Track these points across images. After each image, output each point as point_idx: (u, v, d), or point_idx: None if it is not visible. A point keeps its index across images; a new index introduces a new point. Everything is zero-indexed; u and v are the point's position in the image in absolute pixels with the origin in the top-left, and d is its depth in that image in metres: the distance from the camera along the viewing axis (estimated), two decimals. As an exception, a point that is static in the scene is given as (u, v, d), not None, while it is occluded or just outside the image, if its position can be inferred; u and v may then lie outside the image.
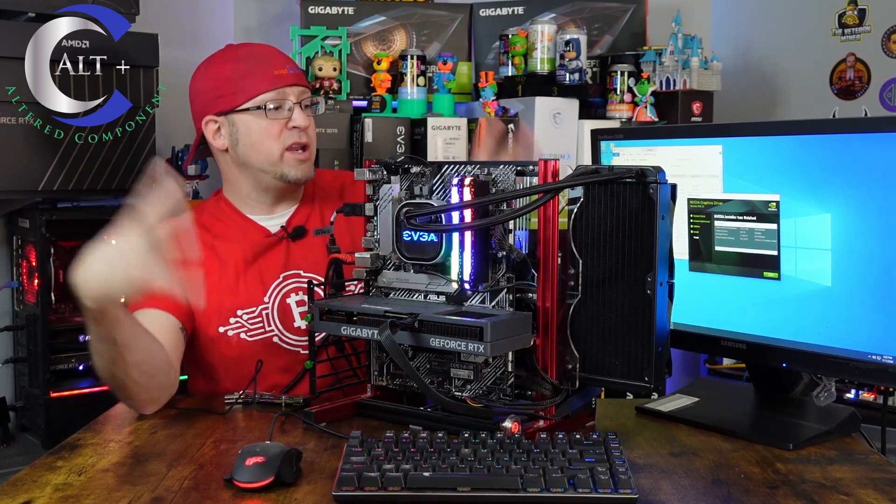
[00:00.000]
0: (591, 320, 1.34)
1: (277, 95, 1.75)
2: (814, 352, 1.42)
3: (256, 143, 1.76)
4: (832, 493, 1.18)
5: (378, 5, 3.08)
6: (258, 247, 1.79)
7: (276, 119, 1.75)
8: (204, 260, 1.72)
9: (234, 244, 1.79)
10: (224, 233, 1.80)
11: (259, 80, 1.75)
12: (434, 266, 1.41)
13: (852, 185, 1.37)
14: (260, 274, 1.77)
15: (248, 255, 1.77)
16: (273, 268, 1.77)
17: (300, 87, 1.78)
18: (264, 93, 1.75)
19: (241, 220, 1.83)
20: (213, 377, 1.76)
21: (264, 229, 1.81)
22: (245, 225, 1.82)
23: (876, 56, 2.97)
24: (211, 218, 1.83)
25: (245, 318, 1.74)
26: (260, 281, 1.76)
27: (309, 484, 1.20)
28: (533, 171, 1.35)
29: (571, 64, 2.84)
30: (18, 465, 2.45)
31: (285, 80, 1.76)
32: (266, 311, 1.75)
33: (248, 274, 1.76)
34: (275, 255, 1.79)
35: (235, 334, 1.73)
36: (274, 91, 1.75)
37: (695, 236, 1.55)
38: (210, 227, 1.81)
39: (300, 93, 1.78)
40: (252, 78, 1.76)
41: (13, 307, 2.89)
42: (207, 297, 1.70)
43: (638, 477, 1.21)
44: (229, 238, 1.79)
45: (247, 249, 1.78)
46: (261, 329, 1.74)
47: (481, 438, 1.24)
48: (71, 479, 1.23)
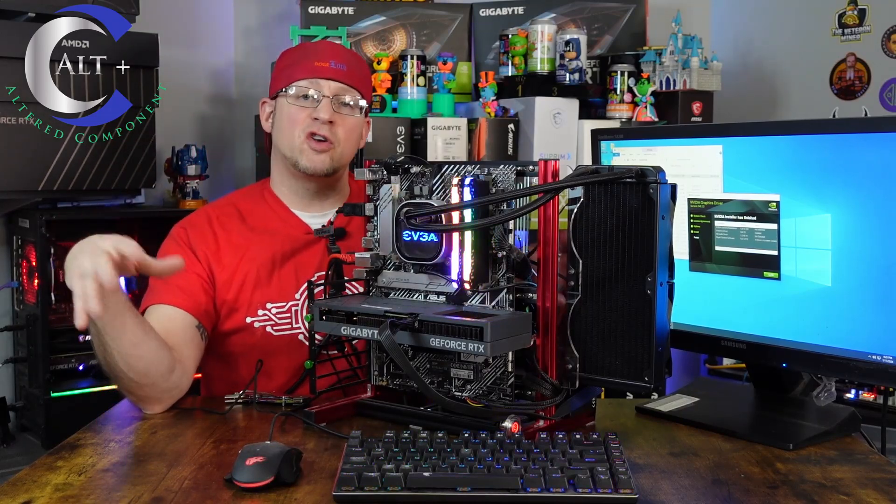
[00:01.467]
0: (591, 320, 1.34)
1: (310, 84, 1.76)
2: (814, 352, 1.42)
3: (284, 126, 1.78)
4: (832, 493, 1.18)
5: (378, 5, 3.08)
6: (297, 242, 1.78)
7: (303, 107, 1.76)
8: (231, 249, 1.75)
9: (272, 236, 1.78)
10: (262, 224, 1.80)
11: (300, 69, 1.78)
12: (434, 266, 1.41)
13: (852, 185, 1.37)
14: (295, 270, 1.76)
15: (287, 250, 1.77)
16: (309, 266, 1.76)
17: (339, 83, 1.77)
18: (300, 80, 1.77)
19: (284, 212, 1.83)
20: (232, 366, 1.76)
21: (306, 225, 1.81)
22: (288, 218, 1.82)
23: (876, 56, 2.97)
24: (250, 206, 1.83)
25: (273, 312, 1.74)
26: (294, 277, 1.75)
27: (309, 484, 1.20)
28: (533, 171, 1.35)
29: (571, 64, 2.84)
30: (18, 465, 2.45)
31: (322, 73, 1.76)
32: (296, 308, 1.74)
33: (283, 268, 1.76)
34: (313, 253, 1.78)
35: (262, 327, 1.73)
36: (307, 80, 1.76)
37: (695, 236, 1.55)
38: (246, 217, 1.81)
39: (338, 88, 1.77)
40: (296, 66, 1.79)
41: (13, 307, 2.89)
42: (239, 286, 1.72)
43: (638, 477, 1.21)
44: (268, 229, 1.79)
45: (286, 243, 1.77)
46: (288, 325, 1.74)
47: (481, 438, 1.24)
48: (71, 479, 1.23)
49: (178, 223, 1.81)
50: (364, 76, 1.85)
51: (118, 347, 1.47)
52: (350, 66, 1.80)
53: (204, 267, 1.72)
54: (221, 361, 1.77)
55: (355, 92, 1.79)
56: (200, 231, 1.77)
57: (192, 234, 1.76)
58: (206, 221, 1.79)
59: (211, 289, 1.71)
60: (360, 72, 1.83)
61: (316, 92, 1.75)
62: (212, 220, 1.79)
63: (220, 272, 1.73)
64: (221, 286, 1.72)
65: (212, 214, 1.81)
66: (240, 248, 1.76)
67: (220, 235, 1.76)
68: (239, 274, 1.73)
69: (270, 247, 1.77)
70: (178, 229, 1.79)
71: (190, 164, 3.04)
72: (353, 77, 1.79)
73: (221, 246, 1.75)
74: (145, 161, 2.76)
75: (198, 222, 1.79)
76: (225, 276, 1.73)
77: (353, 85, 1.79)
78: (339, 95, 1.77)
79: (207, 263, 1.73)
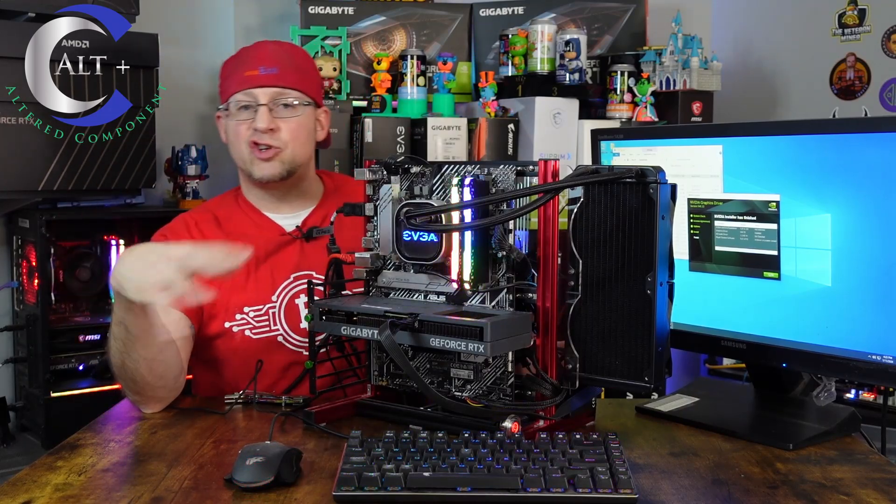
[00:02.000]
0: (591, 320, 1.34)
1: (245, 97, 1.76)
2: (814, 352, 1.42)
3: (232, 141, 1.80)
4: (832, 493, 1.18)
5: (378, 5, 3.08)
6: (271, 245, 1.79)
7: (243, 120, 1.76)
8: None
9: (247, 241, 1.77)
10: (238, 229, 1.81)
11: (233, 81, 1.78)
12: (434, 266, 1.41)
13: (852, 185, 1.37)
14: (271, 272, 1.77)
15: (261, 253, 1.77)
16: (285, 267, 1.77)
17: (273, 87, 1.76)
18: (234, 93, 1.77)
19: (257, 216, 1.83)
20: (216, 371, 1.76)
21: (279, 227, 1.81)
22: (261, 222, 1.83)
23: (876, 56, 2.96)
24: (225, 213, 1.84)
25: (251, 316, 1.74)
26: (270, 279, 1.76)
27: (309, 484, 1.20)
28: (533, 171, 1.35)
29: (571, 64, 2.84)
30: (18, 465, 2.45)
31: (252, 82, 1.75)
32: (273, 311, 1.75)
33: (259, 272, 1.76)
34: (287, 255, 1.78)
35: (240, 331, 1.73)
36: (242, 92, 1.76)
37: (695, 236, 1.55)
38: (223, 223, 1.82)
39: (273, 93, 1.76)
40: (230, 79, 1.79)
41: (13, 307, 2.89)
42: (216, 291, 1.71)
43: (638, 477, 1.21)
44: (243, 234, 1.79)
45: (259, 247, 1.77)
46: (266, 327, 1.74)
47: (481, 438, 1.24)
48: (71, 479, 1.23)
49: (159, 230, 1.82)
50: (301, 70, 1.82)
51: (146, 354, 1.49)
52: (282, 67, 1.78)
53: None
54: (207, 366, 1.78)
55: (293, 91, 1.78)
56: (179, 237, 1.78)
57: (172, 241, 1.75)
58: (184, 227, 1.80)
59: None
60: (294, 68, 1.80)
61: (252, 102, 1.76)
62: (190, 226, 1.80)
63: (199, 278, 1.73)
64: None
65: (189, 221, 1.82)
66: None
67: (199, 241, 1.76)
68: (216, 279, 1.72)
69: None
70: (158, 236, 1.80)
71: (190, 164, 3.04)
72: (286, 77, 1.78)
73: None
74: (145, 161, 2.75)
75: (177, 228, 1.81)
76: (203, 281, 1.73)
77: (287, 85, 1.78)
78: (277, 99, 1.76)
79: None
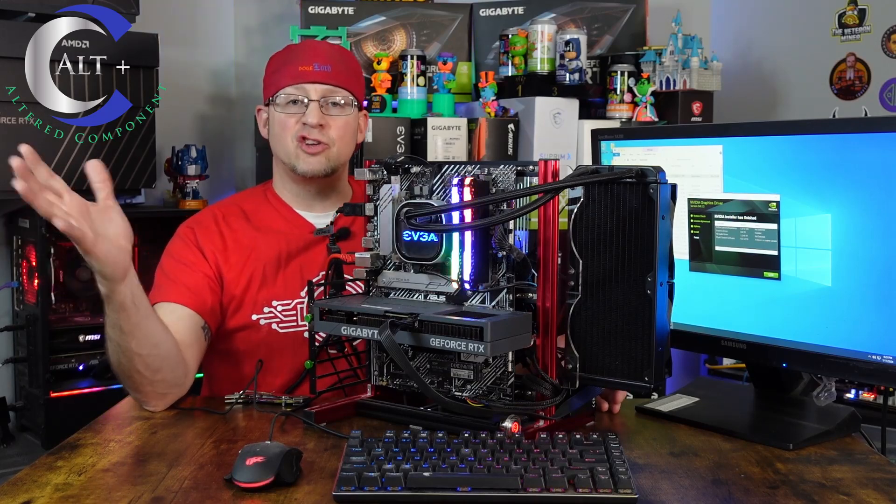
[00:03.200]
0: (591, 320, 1.34)
1: (296, 91, 1.77)
2: (814, 352, 1.42)
3: (278, 134, 1.80)
4: (832, 493, 1.18)
5: (378, 5, 3.08)
6: (302, 241, 1.80)
7: (292, 114, 1.77)
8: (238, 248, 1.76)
9: (277, 235, 1.80)
10: (267, 224, 1.81)
11: (284, 75, 1.79)
12: (434, 266, 1.41)
13: (852, 185, 1.37)
14: (301, 268, 1.77)
15: (292, 249, 1.78)
16: (314, 264, 1.77)
17: (325, 84, 1.78)
18: (285, 87, 1.78)
19: (288, 212, 1.84)
20: (236, 365, 1.76)
21: (311, 225, 1.81)
22: (291, 218, 1.83)
23: (876, 56, 2.97)
24: (253, 206, 1.85)
25: (279, 310, 1.75)
26: (300, 275, 1.76)
27: (309, 484, 1.20)
28: (533, 171, 1.35)
29: (571, 64, 2.84)
30: (18, 465, 2.45)
31: (307, 77, 1.77)
32: (301, 306, 1.75)
33: (289, 267, 1.77)
34: (318, 252, 1.78)
35: (267, 324, 1.74)
36: (293, 86, 1.77)
37: (695, 236, 1.55)
38: (251, 217, 1.82)
39: (324, 90, 1.77)
40: (281, 72, 1.80)
41: (13, 307, 2.89)
42: (245, 284, 1.74)
43: (638, 477, 1.21)
44: (272, 229, 1.80)
45: (291, 242, 1.79)
46: (293, 323, 1.75)
47: (481, 438, 1.24)
48: (71, 479, 1.23)
49: (185, 222, 1.82)
50: (351, 71, 1.84)
51: (140, 349, 1.48)
52: (335, 65, 1.80)
53: (212, 266, 1.73)
54: (226, 359, 1.78)
55: (343, 91, 1.80)
56: (208, 230, 1.78)
57: (200, 234, 1.77)
58: (212, 220, 1.80)
59: (218, 288, 1.72)
60: (346, 69, 1.83)
61: (303, 97, 1.76)
62: (218, 219, 1.80)
63: (228, 271, 1.74)
64: (229, 284, 1.73)
65: (218, 214, 1.82)
66: (246, 247, 1.77)
67: (227, 234, 1.78)
68: (245, 272, 1.74)
69: (276, 246, 1.78)
70: (185, 229, 1.79)
71: (190, 164, 3.04)
72: (338, 76, 1.80)
73: (228, 245, 1.76)
74: (145, 161, 2.76)
75: (205, 221, 1.80)
76: (232, 274, 1.74)
77: (339, 84, 1.79)
78: (327, 97, 1.78)
79: (215, 262, 1.74)
